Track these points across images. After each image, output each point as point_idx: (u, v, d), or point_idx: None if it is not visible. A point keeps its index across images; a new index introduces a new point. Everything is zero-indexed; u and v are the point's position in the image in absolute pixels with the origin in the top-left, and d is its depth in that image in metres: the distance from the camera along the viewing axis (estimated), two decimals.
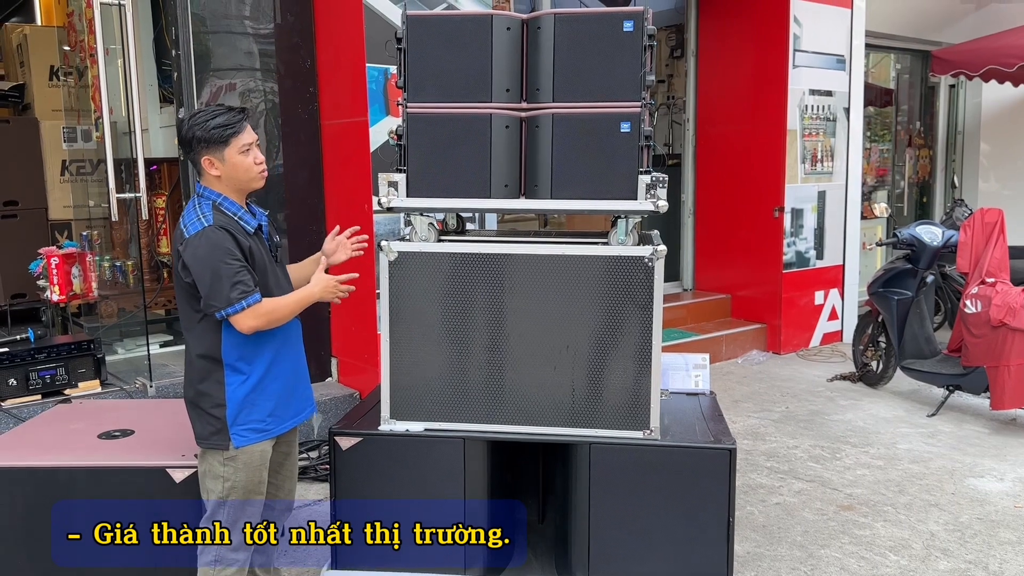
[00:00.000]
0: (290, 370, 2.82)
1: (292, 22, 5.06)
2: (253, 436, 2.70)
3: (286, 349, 2.80)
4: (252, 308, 2.57)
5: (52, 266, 4.70)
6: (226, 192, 2.67)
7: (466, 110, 3.02)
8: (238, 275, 2.56)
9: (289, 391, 2.82)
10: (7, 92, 6.49)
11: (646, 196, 2.96)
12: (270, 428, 2.75)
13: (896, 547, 3.67)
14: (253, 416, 2.70)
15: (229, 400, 2.67)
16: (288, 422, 2.83)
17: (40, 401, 4.23)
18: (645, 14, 2.92)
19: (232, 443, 2.67)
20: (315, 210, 5.19)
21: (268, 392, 2.73)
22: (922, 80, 9.46)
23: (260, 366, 2.71)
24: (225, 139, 2.62)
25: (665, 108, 8.39)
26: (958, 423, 5.30)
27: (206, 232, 2.57)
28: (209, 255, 2.55)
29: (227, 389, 2.67)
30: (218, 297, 2.55)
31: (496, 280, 3.08)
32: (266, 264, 2.74)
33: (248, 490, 2.74)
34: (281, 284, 2.81)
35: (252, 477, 2.73)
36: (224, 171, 2.64)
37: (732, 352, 6.97)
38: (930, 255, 5.64)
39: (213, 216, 2.60)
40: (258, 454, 2.73)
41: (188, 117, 2.67)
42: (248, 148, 2.66)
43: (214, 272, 2.54)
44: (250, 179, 2.70)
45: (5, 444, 3.27)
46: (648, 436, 3.07)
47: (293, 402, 2.85)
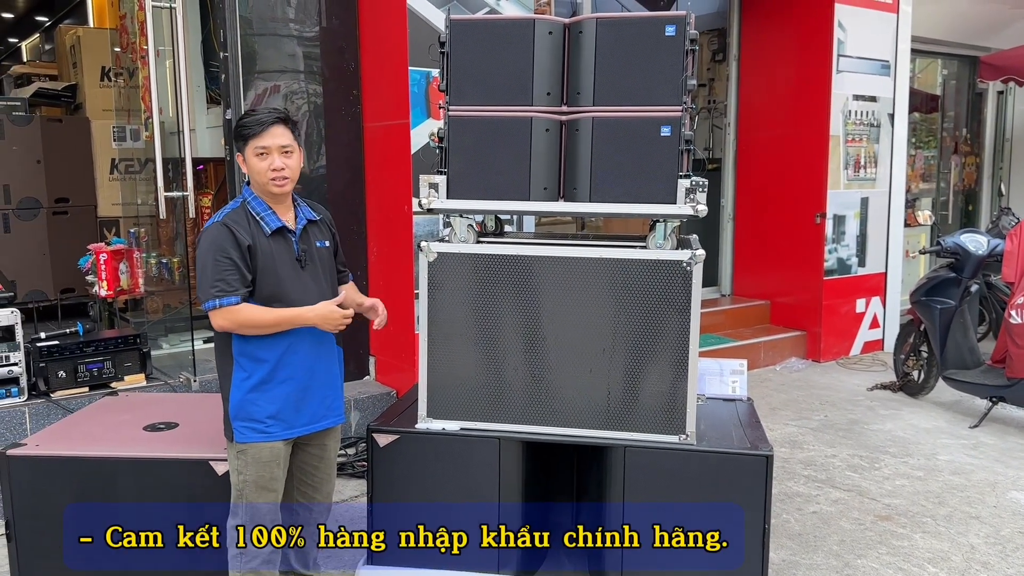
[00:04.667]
0: (304, 376, 2.79)
1: (337, 26, 5.13)
2: (253, 435, 2.72)
3: (298, 355, 2.76)
4: (225, 309, 2.62)
5: (101, 262, 4.82)
6: (257, 192, 2.75)
7: (507, 113, 3.04)
8: (224, 272, 2.61)
9: (300, 397, 2.79)
10: (60, 92, 6.68)
11: (685, 200, 2.96)
12: (272, 431, 2.74)
13: (935, 559, 3.62)
14: (252, 415, 2.72)
15: (232, 395, 2.73)
16: (297, 429, 2.80)
17: (87, 393, 4.34)
18: (688, 18, 2.92)
19: (235, 436, 2.73)
20: (356, 211, 5.25)
21: (271, 395, 2.72)
22: (969, 86, 9.30)
23: (264, 367, 2.71)
24: (245, 138, 2.68)
25: (706, 112, 8.35)
26: (1001, 435, 5.20)
27: (211, 228, 2.66)
28: (205, 250, 2.63)
29: (232, 384, 2.73)
30: (201, 290, 2.64)
31: (533, 282, 3.10)
32: (279, 265, 2.71)
33: (259, 485, 2.75)
34: (307, 287, 2.77)
35: (262, 473, 2.74)
36: (248, 170, 2.73)
37: (771, 359, 6.91)
38: (974, 264, 5.54)
39: (228, 213, 2.69)
40: (267, 451, 2.74)
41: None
42: (264, 152, 2.67)
43: (203, 266, 2.63)
44: (263, 182, 2.70)
45: (55, 433, 3.37)
46: (684, 441, 3.07)
47: (308, 408, 2.82)
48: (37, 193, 6.02)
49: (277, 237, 2.72)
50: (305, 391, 2.80)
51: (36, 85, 6.93)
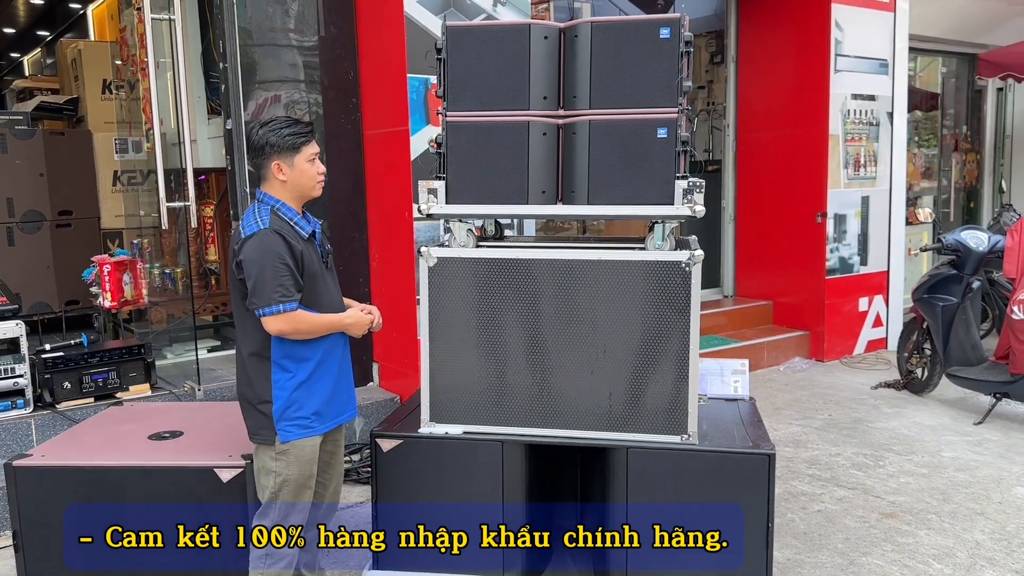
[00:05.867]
0: (336, 372, 2.93)
1: (336, 34, 5.16)
2: (298, 432, 2.81)
3: (333, 352, 2.91)
4: (285, 314, 2.70)
5: (104, 273, 4.85)
6: (285, 198, 2.81)
7: (504, 118, 3.07)
8: (283, 278, 2.69)
9: (333, 392, 2.92)
10: (62, 105, 6.71)
11: (683, 201, 2.98)
12: (314, 426, 2.85)
13: (940, 556, 3.62)
14: (299, 413, 2.81)
15: (276, 397, 2.79)
16: (330, 422, 2.93)
17: (93, 404, 4.36)
18: (682, 21, 2.94)
19: (279, 438, 2.79)
20: (358, 218, 5.28)
21: (314, 391, 2.84)
22: (968, 83, 9.30)
23: (307, 366, 2.82)
24: (297, 146, 2.78)
25: (705, 114, 8.37)
26: (1006, 432, 5.20)
27: (261, 234, 2.70)
28: (260, 256, 2.68)
29: (274, 386, 2.79)
30: (260, 296, 2.68)
31: (533, 285, 3.12)
32: (316, 269, 2.85)
33: (299, 484, 2.84)
34: (330, 289, 2.94)
35: (304, 471, 2.84)
36: (291, 177, 2.79)
37: (774, 359, 6.91)
38: (976, 261, 5.55)
39: (270, 220, 2.74)
40: (309, 448, 2.84)
41: (261, 124, 2.81)
42: (315, 157, 2.83)
43: (261, 272, 2.67)
44: (312, 186, 2.84)
45: (60, 444, 3.39)
46: (686, 441, 3.08)
47: (336, 403, 2.95)
48: (40, 206, 6.04)
49: (308, 242, 2.84)
50: (336, 385, 2.94)
51: (38, 99, 6.96)
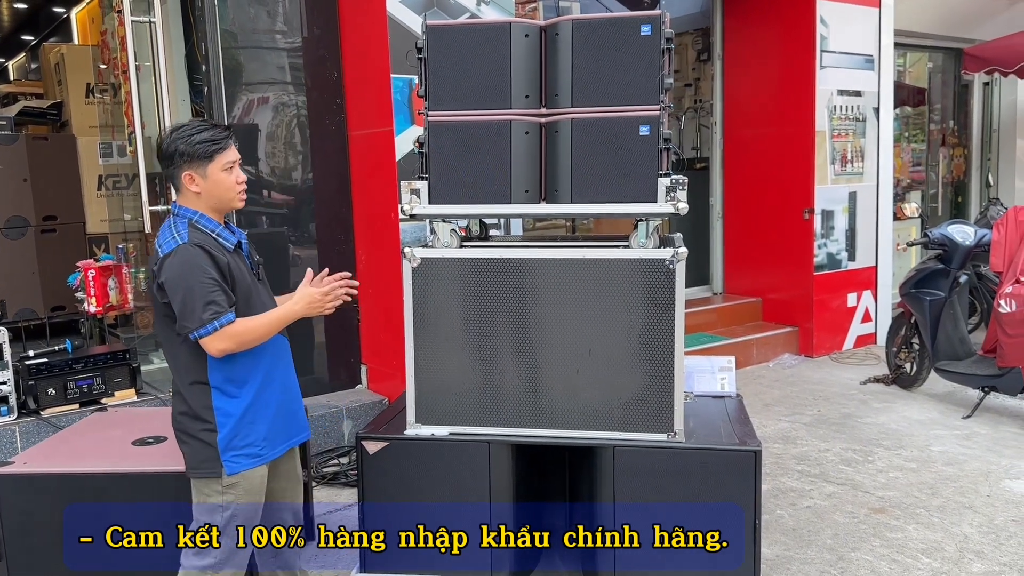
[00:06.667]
0: (281, 391, 2.72)
1: (319, 35, 5.14)
2: (247, 462, 2.60)
3: (276, 370, 2.70)
4: (223, 329, 2.46)
5: (89, 278, 4.82)
6: (203, 210, 2.58)
7: (486, 117, 3.05)
8: (212, 294, 2.46)
9: (281, 413, 2.72)
10: (46, 110, 6.68)
11: (666, 199, 2.97)
12: (264, 453, 2.65)
13: (929, 549, 3.62)
14: (247, 441, 2.60)
15: (220, 425, 2.56)
16: (281, 446, 2.73)
17: (78, 410, 4.33)
18: (663, 17, 2.94)
19: (224, 470, 2.56)
20: (344, 220, 5.26)
21: (261, 415, 2.63)
22: (955, 78, 9.33)
23: (251, 388, 2.61)
24: (210, 155, 2.54)
25: (693, 112, 8.37)
26: (994, 425, 5.21)
27: (180, 250, 2.47)
28: (183, 274, 2.45)
29: (217, 414, 2.56)
30: (190, 318, 2.45)
31: (518, 284, 3.10)
32: (248, 282, 2.64)
33: (249, 516, 2.64)
34: (264, 302, 2.70)
35: (253, 501, 2.64)
36: (205, 188, 2.56)
37: (763, 356, 6.91)
38: (962, 255, 5.56)
39: (188, 234, 2.51)
40: (258, 477, 2.64)
41: (171, 131, 2.58)
42: (232, 166, 2.59)
43: (188, 291, 2.44)
44: (231, 198, 2.61)
45: (43, 451, 3.36)
46: (672, 438, 3.07)
47: (286, 425, 2.75)
48: (24, 211, 6.02)
49: (235, 254, 2.63)
50: (285, 405, 2.74)
51: (21, 104, 6.93)
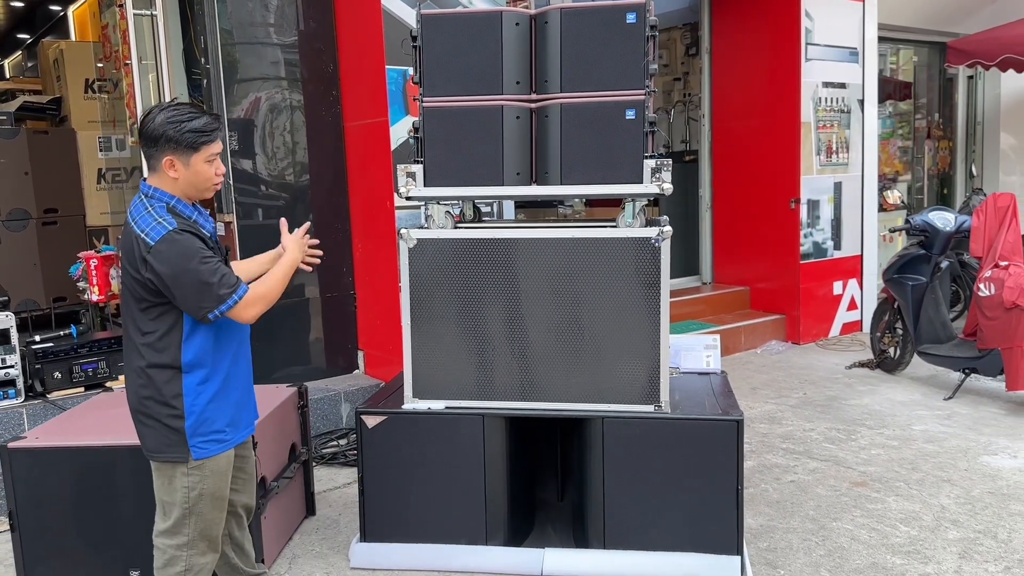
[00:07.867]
0: (245, 376, 2.73)
1: (315, 29, 5.26)
2: (215, 447, 2.58)
3: (241, 355, 2.70)
4: (244, 298, 2.50)
5: (92, 267, 4.91)
6: (178, 195, 2.54)
7: (479, 103, 3.19)
8: (219, 271, 2.46)
9: (245, 398, 2.73)
10: (45, 105, 6.79)
11: (652, 179, 3.11)
12: (230, 438, 2.64)
13: (907, 519, 3.76)
14: (214, 426, 2.58)
15: (189, 410, 2.53)
16: (243, 431, 2.73)
17: (83, 393, 4.44)
18: (647, 5, 3.08)
19: (191, 455, 2.53)
20: (340, 209, 5.38)
21: (229, 400, 2.63)
22: (940, 72, 9.49)
23: (219, 373, 2.60)
24: (196, 145, 2.50)
25: (682, 105, 8.51)
26: (974, 405, 5.36)
27: (172, 236, 2.43)
28: (183, 259, 2.42)
29: (186, 399, 2.52)
30: (208, 298, 2.44)
31: (509, 263, 3.24)
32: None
33: (216, 498, 2.61)
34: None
35: (220, 482, 2.62)
36: (184, 175, 2.51)
37: (751, 343, 7.06)
38: (943, 240, 5.71)
39: (172, 219, 2.47)
40: (224, 460, 2.63)
41: (159, 112, 2.51)
42: (214, 158, 2.57)
43: (195, 275, 2.42)
44: (206, 188, 2.59)
45: (53, 428, 3.48)
46: (658, 410, 3.21)
47: (248, 410, 2.77)
48: (26, 204, 6.13)
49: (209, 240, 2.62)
50: (248, 391, 2.76)
51: (21, 99, 7.04)
